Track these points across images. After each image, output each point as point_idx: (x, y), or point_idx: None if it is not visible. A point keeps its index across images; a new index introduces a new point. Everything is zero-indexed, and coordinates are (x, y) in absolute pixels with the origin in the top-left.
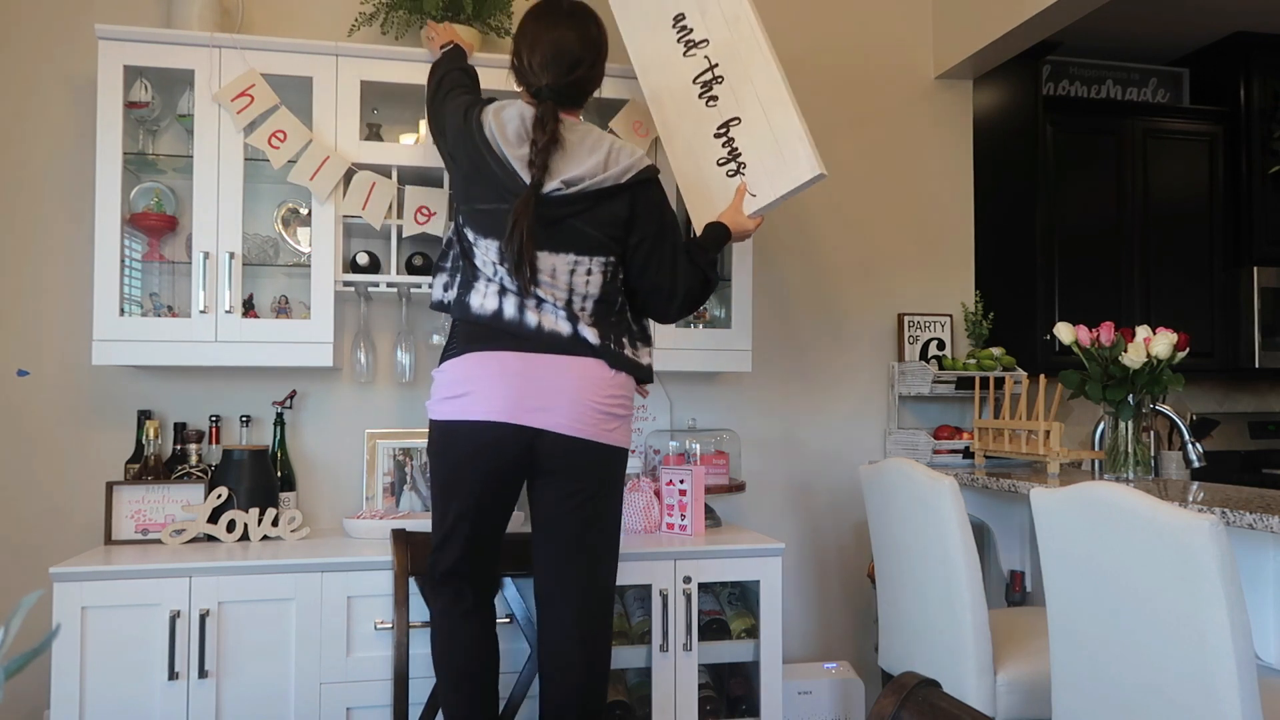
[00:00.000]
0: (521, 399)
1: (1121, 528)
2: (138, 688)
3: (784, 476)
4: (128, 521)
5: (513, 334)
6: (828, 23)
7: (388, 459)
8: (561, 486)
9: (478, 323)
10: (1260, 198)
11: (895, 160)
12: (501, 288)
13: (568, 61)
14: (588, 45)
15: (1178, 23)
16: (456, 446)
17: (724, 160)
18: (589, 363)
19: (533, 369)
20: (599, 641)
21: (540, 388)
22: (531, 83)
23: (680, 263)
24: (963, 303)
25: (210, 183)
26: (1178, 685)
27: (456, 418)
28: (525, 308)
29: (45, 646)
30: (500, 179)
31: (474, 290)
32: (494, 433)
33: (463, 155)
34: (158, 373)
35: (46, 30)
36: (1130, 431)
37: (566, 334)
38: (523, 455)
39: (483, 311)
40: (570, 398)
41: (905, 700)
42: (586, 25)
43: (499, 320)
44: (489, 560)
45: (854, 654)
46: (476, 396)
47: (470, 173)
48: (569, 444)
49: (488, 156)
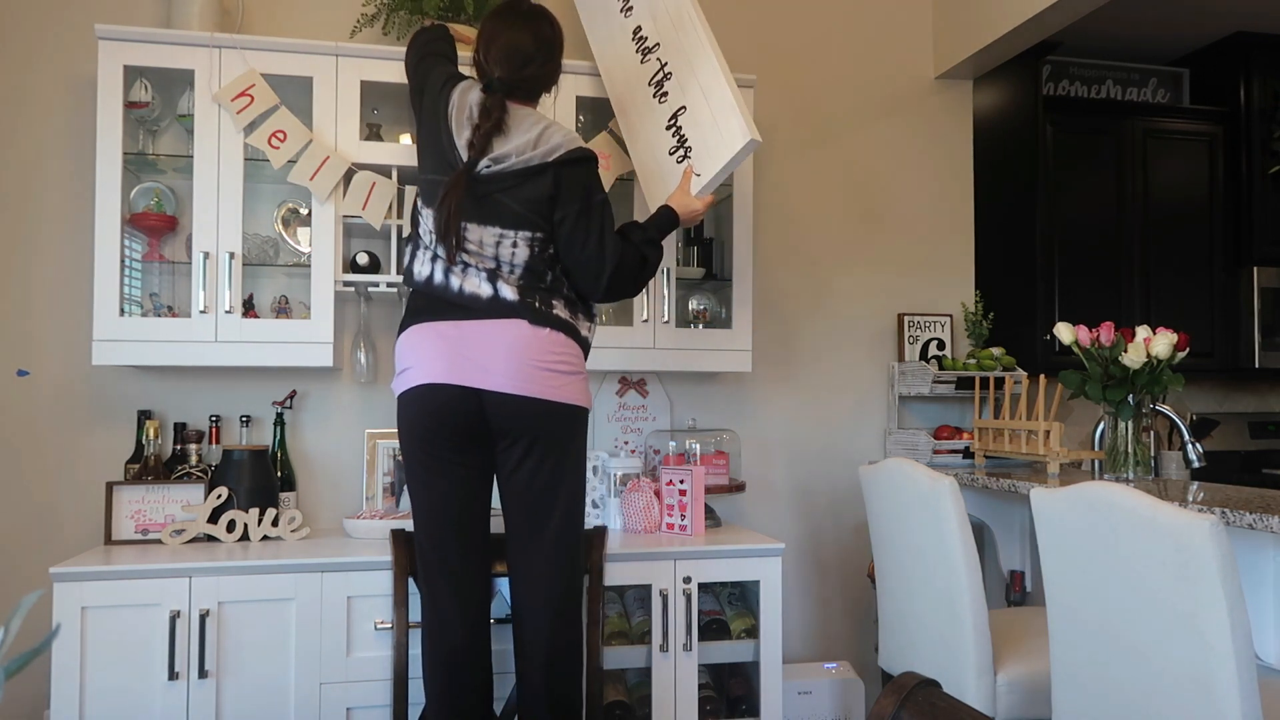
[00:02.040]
0: (458, 361)
1: (1121, 528)
2: (138, 688)
3: (784, 476)
4: (128, 521)
5: (442, 299)
6: (828, 23)
7: (388, 459)
8: (520, 448)
9: (417, 290)
10: (1260, 198)
11: (895, 160)
12: (434, 254)
13: (520, 58)
14: (540, 44)
15: (1178, 23)
16: (412, 418)
17: (674, 149)
18: (514, 323)
19: (465, 334)
20: (565, 602)
21: (475, 349)
22: (484, 75)
23: (608, 241)
24: (963, 303)
25: (210, 183)
26: (1178, 685)
27: (406, 388)
28: (451, 273)
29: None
30: (445, 152)
31: (416, 258)
32: (439, 395)
33: (428, 121)
34: (158, 373)
35: (46, 30)
36: (1130, 431)
37: (486, 295)
38: (474, 417)
39: (419, 278)
40: (505, 357)
41: (905, 700)
42: (540, 25)
43: (430, 286)
44: (476, 547)
45: (854, 654)
46: (419, 366)
47: (425, 141)
48: (518, 403)
49: (441, 130)
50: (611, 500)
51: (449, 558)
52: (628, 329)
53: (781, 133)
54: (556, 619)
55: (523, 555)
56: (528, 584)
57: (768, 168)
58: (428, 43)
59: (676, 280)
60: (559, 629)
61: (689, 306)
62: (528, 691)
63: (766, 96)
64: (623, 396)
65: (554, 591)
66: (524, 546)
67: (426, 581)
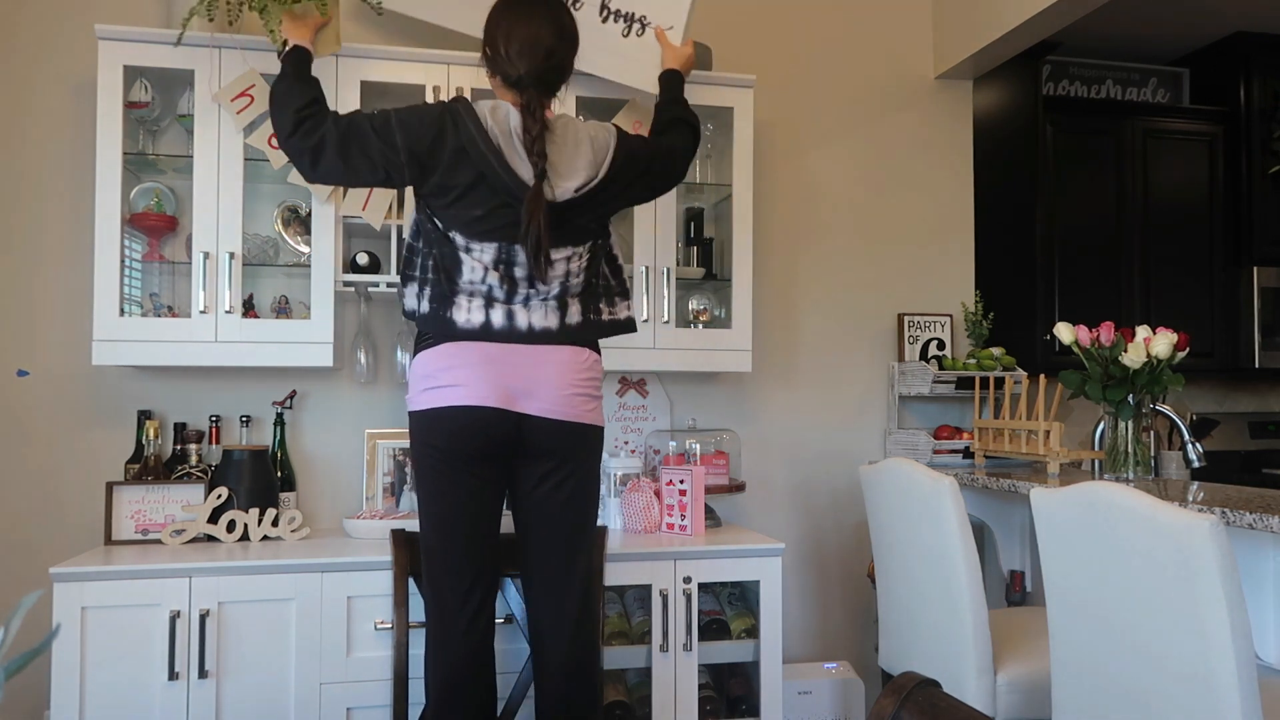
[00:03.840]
0: (505, 385)
1: (1121, 527)
2: (138, 688)
3: (784, 476)
4: (128, 521)
5: (501, 336)
6: (828, 23)
7: (388, 459)
8: (544, 466)
9: (462, 336)
10: (1260, 198)
11: (895, 160)
12: (488, 299)
13: (543, 50)
14: (563, 35)
15: (1178, 23)
16: (441, 435)
17: (626, 31)
18: (567, 350)
19: (513, 356)
20: (584, 614)
21: (522, 374)
22: (509, 72)
23: (677, 149)
24: (963, 303)
25: (210, 183)
26: (1178, 685)
27: (439, 405)
28: (514, 315)
29: (45, 646)
30: (503, 179)
31: (455, 306)
32: (480, 417)
33: (451, 161)
34: (158, 373)
35: (46, 30)
36: (1130, 431)
37: (555, 328)
38: (509, 439)
39: (470, 326)
40: (552, 384)
41: (905, 700)
42: (560, 15)
43: (488, 332)
44: (490, 557)
45: (854, 654)
46: (460, 385)
47: (471, 181)
48: (555, 427)
49: (490, 158)
50: (611, 500)
51: (460, 567)
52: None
53: (781, 133)
54: (577, 632)
55: (544, 569)
56: (550, 597)
57: (768, 168)
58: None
59: (676, 280)
60: (579, 642)
61: (689, 306)
62: (546, 704)
63: (766, 96)
64: (623, 396)
65: (574, 605)
66: (545, 561)
67: (433, 588)
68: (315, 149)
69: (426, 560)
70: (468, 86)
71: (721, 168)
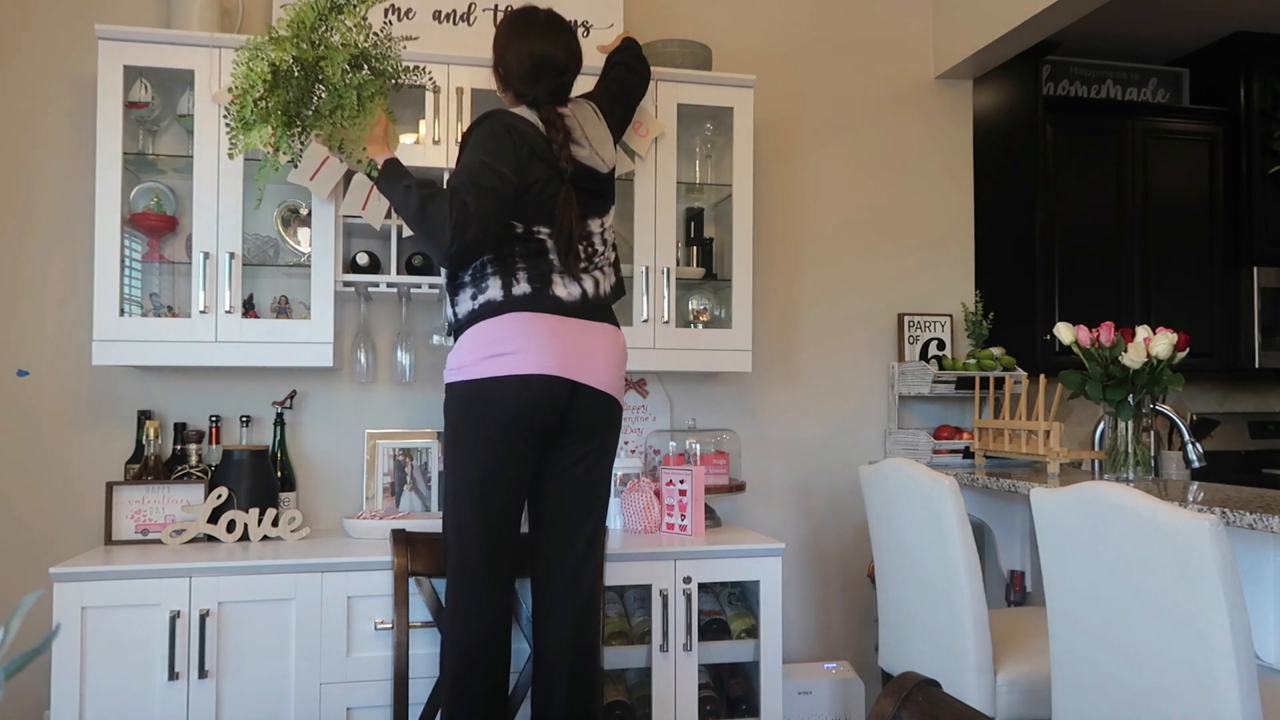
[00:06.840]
0: (570, 355)
1: (1121, 528)
2: (138, 688)
3: (784, 476)
4: (128, 521)
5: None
6: (827, 23)
7: (388, 459)
8: (584, 446)
9: (556, 310)
10: (1260, 198)
11: (895, 160)
12: (556, 275)
13: (554, 70)
14: (571, 56)
15: (1178, 23)
16: (499, 404)
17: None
18: (611, 329)
19: (575, 330)
20: (590, 612)
21: (582, 346)
22: (524, 92)
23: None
24: (963, 303)
25: (210, 183)
26: (1178, 685)
27: (503, 373)
28: (572, 286)
29: (45, 646)
30: (552, 164)
31: (554, 282)
32: (546, 387)
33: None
34: (158, 373)
35: (47, 30)
36: (1130, 431)
37: (604, 294)
38: (561, 411)
39: (572, 298)
40: (604, 358)
41: (905, 700)
42: (567, 37)
43: (558, 305)
44: (514, 537)
45: (854, 654)
46: (526, 353)
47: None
48: (601, 400)
49: (540, 148)
50: (612, 500)
51: (495, 537)
52: (627, 329)
53: (781, 132)
54: (583, 617)
55: (564, 548)
56: (559, 580)
57: (768, 168)
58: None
59: (676, 280)
60: (582, 627)
61: (689, 306)
62: (546, 703)
63: (766, 97)
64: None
65: (584, 587)
66: (566, 537)
67: (463, 559)
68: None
69: (459, 531)
70: (468, 87)
71: (721, 168)
